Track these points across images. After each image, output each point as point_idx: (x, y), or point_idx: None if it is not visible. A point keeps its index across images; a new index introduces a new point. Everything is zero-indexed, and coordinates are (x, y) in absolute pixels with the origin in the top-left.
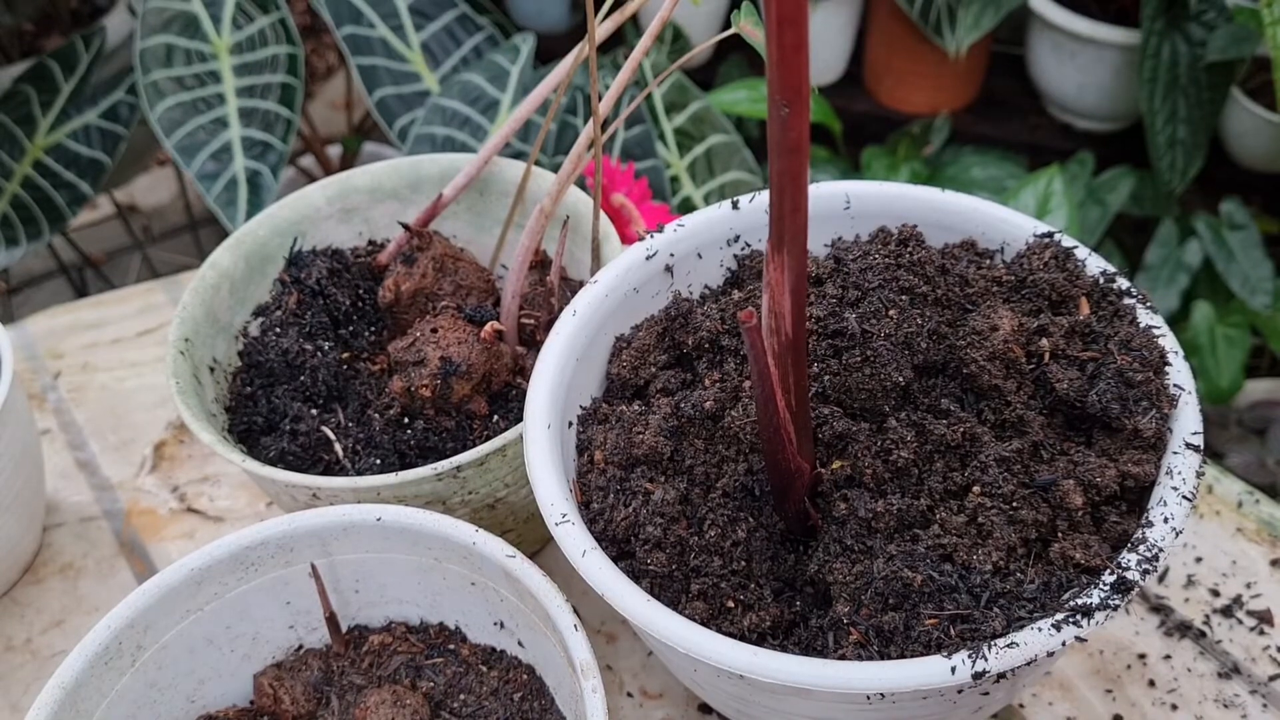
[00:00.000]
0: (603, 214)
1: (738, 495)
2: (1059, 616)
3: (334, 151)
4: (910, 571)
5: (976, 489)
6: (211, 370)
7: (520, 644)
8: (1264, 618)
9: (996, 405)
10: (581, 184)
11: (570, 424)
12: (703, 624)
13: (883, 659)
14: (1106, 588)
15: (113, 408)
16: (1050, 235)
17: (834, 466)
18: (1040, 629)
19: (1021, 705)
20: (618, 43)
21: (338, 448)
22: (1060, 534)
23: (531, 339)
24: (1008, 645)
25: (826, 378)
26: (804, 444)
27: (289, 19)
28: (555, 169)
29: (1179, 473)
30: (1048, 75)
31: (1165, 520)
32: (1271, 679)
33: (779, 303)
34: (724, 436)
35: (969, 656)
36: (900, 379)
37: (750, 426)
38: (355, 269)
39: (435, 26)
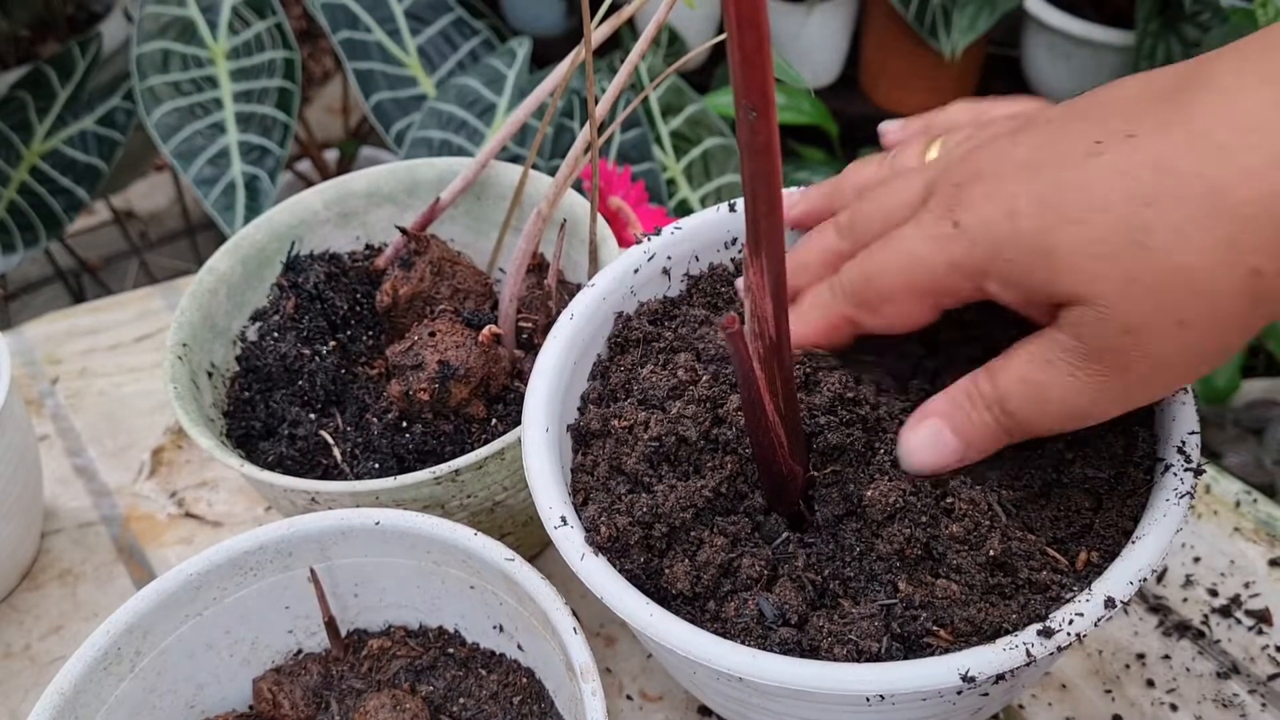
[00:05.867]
0: (600, 217)
1: (736, 497)
2: (1058, 616)
3: (331, 156)
4: (907, 574)
5: (976, 490)
6: (209, 375)
7: (520, 647)
8: (1262, 617)
9: None
10: (578, 187)
11: (568, 427)
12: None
13: (882, 661)
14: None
15: (110, 413)
16: None
17: (826, 471)
18: (1038, 629)
19: (1021, 706)
20: (614, 46)
21: (336, 452)
22: (1059, 536)
23: (529, 342)
24: (1007, 647)
25: (833, 382)
26: (795, 446)
27: (285, 24)
28: (552, 172)
29: (1176, 472)
30: (1043, 77)
31: (1163, 520)
32: (1270, 678)
33: (760, 306)
34: (723, 438)
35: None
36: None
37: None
38: (353, 273)
39: (431, 31)
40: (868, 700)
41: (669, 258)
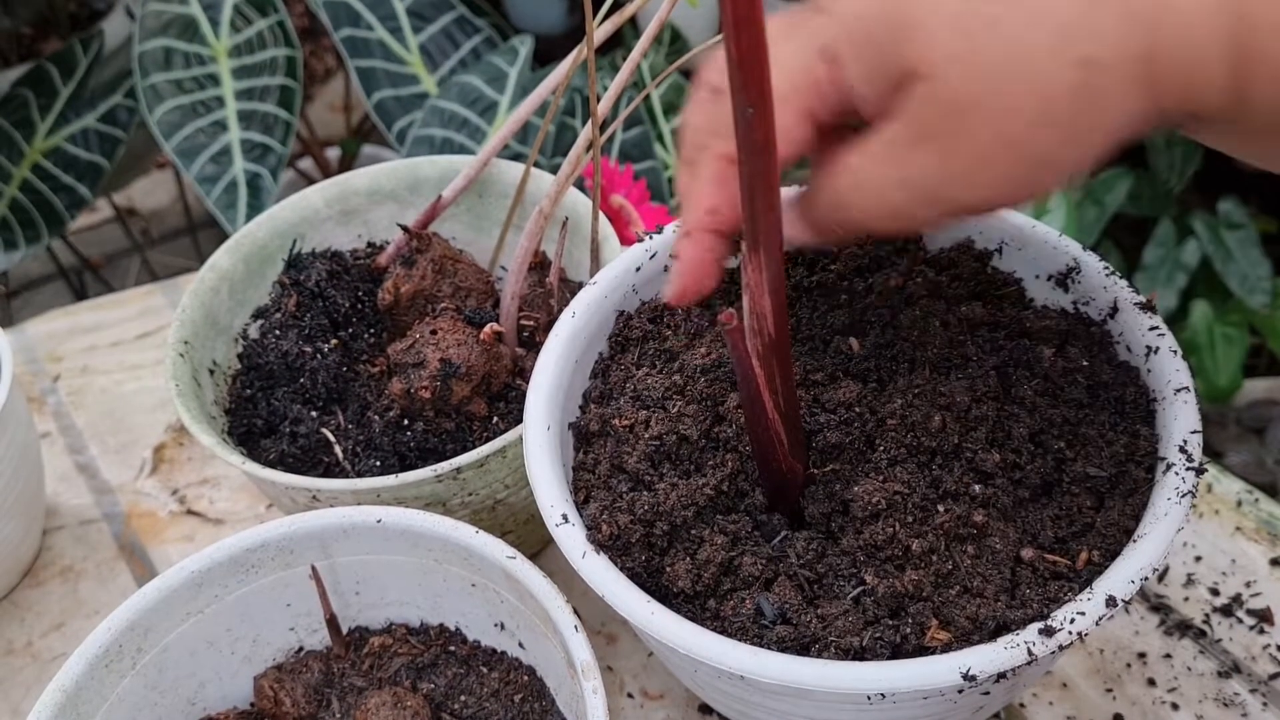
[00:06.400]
0: (601, 215)
1: (737, 496)
2: (1060, 615)
3: (332, 154)
4: (909, 571)
5: (976, 489)
6: (211, 373)
7: (521, 645)
8: (1264, 616)
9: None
10: (580, 185)
11: (569, 425)
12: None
13: (884, 659)
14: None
15: (112, 410)
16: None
17: (826, 470)
18: (1040, 628)
19: (1022, 705)
20: (616, 44)
21: (337, 450)
22: (1060, 535)
23: (531, 340)
24: (1008, 645)
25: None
26: (795, 445)
27: (287, 21)
28: (554, 170)
29: (1178, 471)
30: None
31: (1164, 519)
32: (1272, 677)
33: (759, 303)
34: (723, 437)
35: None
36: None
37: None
38: (354, 271)
39: (433, 29)
40: (869, 698)
41: (671, 256)
